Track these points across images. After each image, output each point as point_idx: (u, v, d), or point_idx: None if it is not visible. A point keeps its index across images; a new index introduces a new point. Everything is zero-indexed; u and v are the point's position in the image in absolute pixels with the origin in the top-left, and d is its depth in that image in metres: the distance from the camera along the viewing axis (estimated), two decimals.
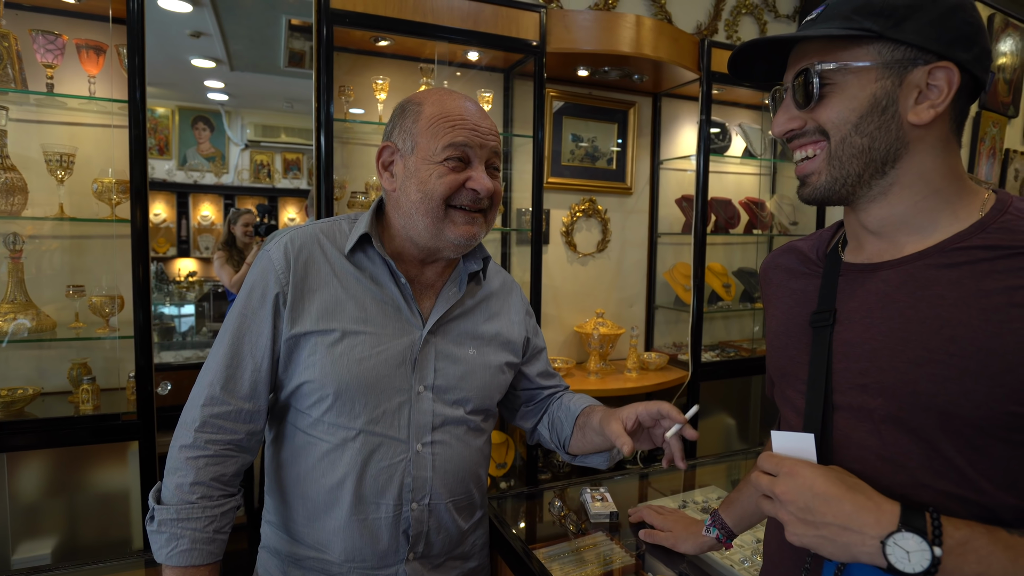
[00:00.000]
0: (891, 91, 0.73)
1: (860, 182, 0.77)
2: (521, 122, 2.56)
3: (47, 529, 1.98)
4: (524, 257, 2.50)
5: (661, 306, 3.10)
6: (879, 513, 0.67)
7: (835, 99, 0.76)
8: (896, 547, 0.65)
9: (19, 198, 1.81)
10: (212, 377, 1.06)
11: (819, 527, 0.69)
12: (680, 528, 1.36)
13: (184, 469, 1.03)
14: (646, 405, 1.09)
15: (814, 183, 0.80)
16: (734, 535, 1.23)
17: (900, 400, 0.73)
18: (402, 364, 1.10)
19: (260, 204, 2.48)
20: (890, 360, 0.74)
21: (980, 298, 0.70)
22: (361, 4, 2.01)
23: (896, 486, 0.73)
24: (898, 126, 0.74)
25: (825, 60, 0.76)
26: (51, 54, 1.82)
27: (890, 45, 0.73)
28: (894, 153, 0.75)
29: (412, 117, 1.10)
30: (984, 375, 0.68)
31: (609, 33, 2.37)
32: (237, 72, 2.38)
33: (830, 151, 0.77)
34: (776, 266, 0.98)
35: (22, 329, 1.80)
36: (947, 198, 0.76)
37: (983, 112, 2.61)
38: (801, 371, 0.85)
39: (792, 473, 0.72)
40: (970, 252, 0.72)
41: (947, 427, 0.70)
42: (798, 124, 0.80)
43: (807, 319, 0.85)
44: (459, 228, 1.08)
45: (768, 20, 3.23)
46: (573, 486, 1.72)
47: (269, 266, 1.08)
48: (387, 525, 1.09)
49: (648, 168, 3.02)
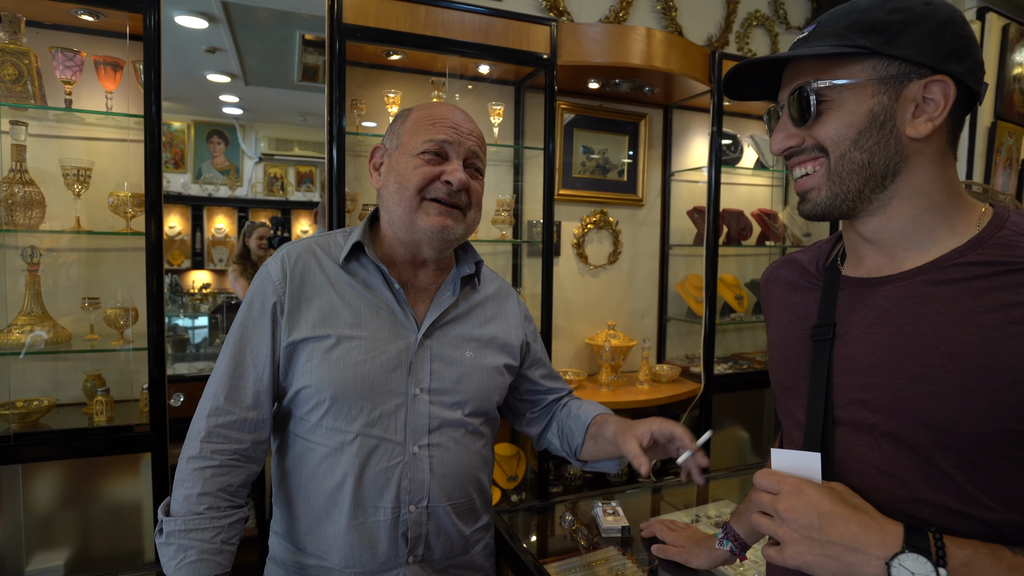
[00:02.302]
0: (888, 106, 0.74)
1: (860, 197, 0.77)
2: (532, 134, 2.57)
3: (60, 540, 1.98)
4: (535, 269, 2.50)
5: (673, 318, 3.08)
6: (883, 534, 0.67)
7: (833, 116, 0.76)
8: (901, 568, 0.64)
9: (37, 212, 1.84)
10: (216, 388, 1.09)
11: (824, 546, 0.69)
12: (692, 543, 1.34)
13: (191, 480, 1.05)
14: (660, 424, 1.10)
15: (814, 199, 0.80)
16: (747, 546, 1.21)
17: (899, 417, 0.73)
18: (398, 367, 1.12)
19: (274, 217, 2.49)
20: (889, 377, 0.75)
21: (977, 315, 0.70)
22: (373, 19, 2.03)
23: (897, 501, 0.73)
24: (896, 140, 0.75)
25: (821, 78, 0.76)
26: (70, 71, 1.85)
27: (884, 61, 0.73)
28: (893, 167, 0.76)
29: (401, 120, 1.18)
30: (982, 392, 0.68)
31: (620, 46, 2.37)
32: (252, 87, 2.40)
33: (829, 167, 0.78)
34: (776, 279, 0.99)
35: (39, 341, 1.82)
36: (945, 212, 0.77)
37: (999, 122, 2.59)
38: (802, 385, 0.85)
39: (797, 491, 0.72)
40: (967, 268, 0.73)
41: (946, 444, 0.70)
42: (796, 141, 0.80)
43: (807, 332, 0.86)
44: (432, 219, 1.11)
45: (779, 32, 3.23)
46: (585, 499, 1.70)
47: (267, 279, 1.12)
48: (386, 528, 1.10)
49: (659, 180, 3.02)
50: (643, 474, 1.07)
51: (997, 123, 2.60)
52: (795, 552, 0.70)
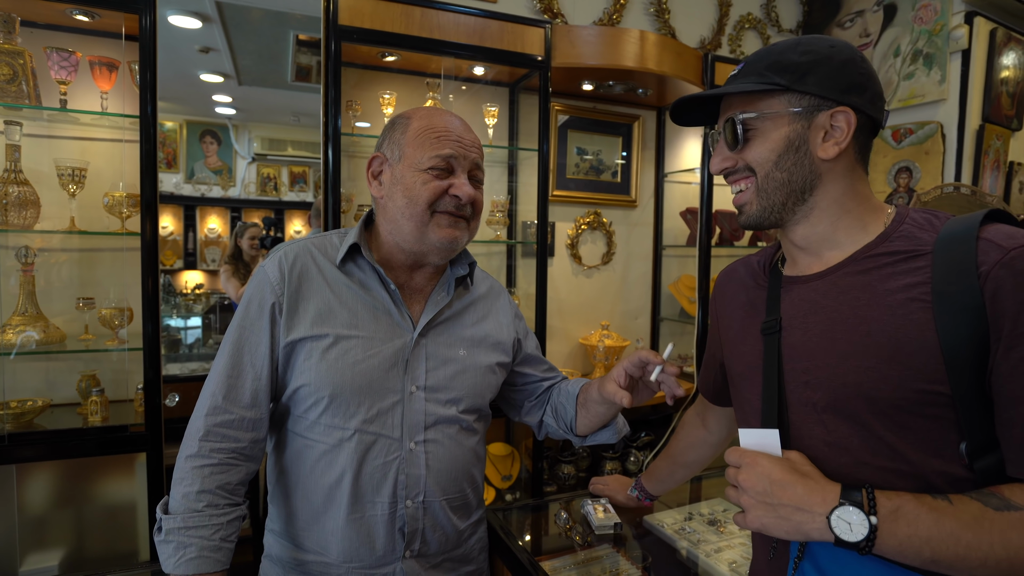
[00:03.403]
0: (802, 132, 0.88)
1: (785, 209, 0.91)
2: (526, 136, 2.58)
3: (55, 540, 1.98)
4: (529, 270, 2.51)
5: (666, 318, 3.10)
6: (824, 493, 0.78)
7: (757, 142, 0.91)
8: (840, 520, 0.75)
9: (31, 212, 1.83)
10: (214, 388, 1.10)
11: (776, 508, 0.80)
12: (617, 485, 1.66)
13: (190, 478, 1.06)
14: (629, 358, 1.16)
15: (748, 212, 0.95)
16: (653, 497, 1.55)
17: (834, 391, 0.85)
18: (394, 366, 1.14)
19: (266, 217, 2.49)
20: (824, 357, 0.87)
21: (886, 296, 0.83)
22: (369, 20, 2.03)
23: (842, 467, 0.84)
24: (811, 161, 0.89)
25: (746, 110, 0.91)
26: (65, 71, 1.85)
27: (797, 95, 0.88)
28: (810, 183, 0.89)
29: (401, 130, 1.17)
30: (896, 361, 0.80)
31: (613, 48, 2.39)
32: (245, 86, 2.40)
33: (757, 185, 0.92)
34: (732, 279, 1.12)
35: (31, 341, 1.81)
36: (858, 216, 0.90)
37: (987, 125, 2.62)
38: (756, 373, 0.97)
39: (753, 463, 0.84)
40: (877, 259, 0.86)
41: (874, 409, 0.81)
42: (731, 163, 0.95)
43: (758, 327, 0.98)
44: (443, 231, 1.14)
45: (771, 35, 3.25)
46: (579, 498, 1.72)
47: (265, 279, 1.13)
48: (383, 522, 1.12)
49: (653, 181, 3.04)
50: (625, 404, 1.15)
51: (985, 126, 2.63)
52: (754, 516, 0.82)
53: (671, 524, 1.58)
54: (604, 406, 1.23)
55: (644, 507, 1.65)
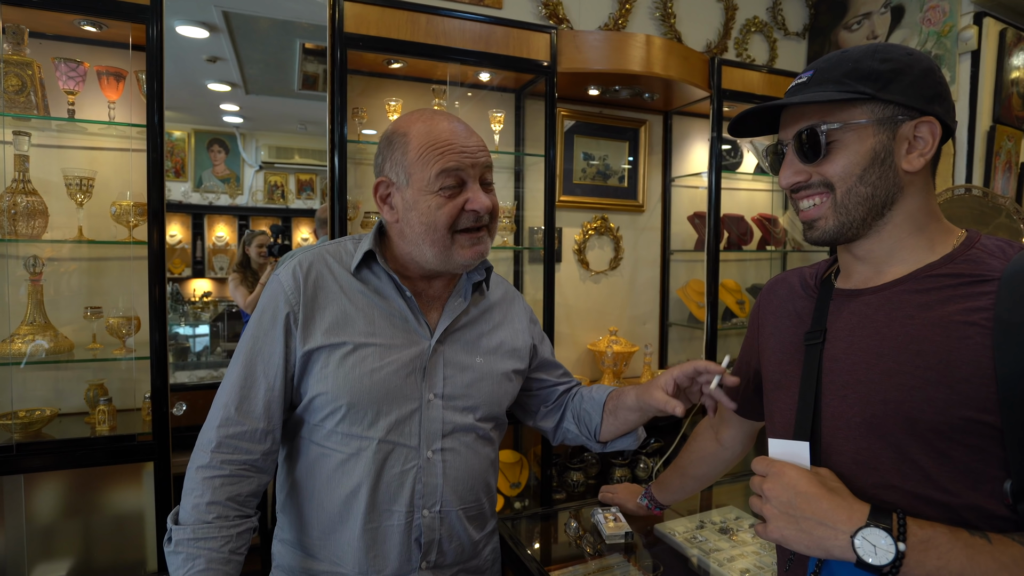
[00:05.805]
0: (887, 144, 0.84)
1: (864, 224, 0.87)
2: (533, 141, 2.58)
3: (62, 550, 1.97)
4: (536, 275, 2.50)
5: (675, 323, 3.08)
6: (851, 511, 0.75)
7: (839, 154, 0.85)
8: (864, 541, 0.72)
9: (39, 221, 1.84)
10: (227, 398, 1.08)
11: (798, 521, 0.77)
12: (627, 493, 1.63)
13: (200, 489, 1.05)
14: (680, 367, 1.13)
15: (822, 227, 0.89)
16: (663, 506, 1.50)
17: (872, 407, 0.82)
18: (412, 373, 1.12)
19: (274, 225, 2.50)
20: (866, 372, 0.84)
21: (943, 318, 0.79)
22: (375, 28, 2.04)
23: (868, 487, 0.81)
24: (894, 174, 0.85)
25: (827, 120, 0.85)
26: (73, 81, 1.86)
27: (881, 104, 0.83)
28: (892, 197, 0.86)
29: (400, 149, 1.11)
30: (943, 384, 0.76)
31: (619, 53, 2.38)
32: (252, 95, 2.41)
33: (835, 200, 0.87)
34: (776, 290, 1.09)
35: (39, 351, 1.82)
36: (929, 235, 0.87)
37: (997, 126, 2.59)
38: (793, 384, 0.94)
39: (780, 473, 0.81)
40: (939, 279, 0.83)
41: (913, 431, 0.78)
42: (804, 177, 0.89)
43: (802, 338, 0.95)
44: (467, 251, 1.11)
45: (778, 38, 3.24)
46: (588, 506, 1.70)
47: (279, 289, 1.11)
48: (400, 532, 1.10)
49: (660, 185, 3.02)
50: (678, 414, 1.12)
51: (996, 127, 2.61)
52: (775, 527, 0.79)
53: (682, 532, 1.56)
54: (637, 414, 1.21)
55: (654, 515, 1.62)
